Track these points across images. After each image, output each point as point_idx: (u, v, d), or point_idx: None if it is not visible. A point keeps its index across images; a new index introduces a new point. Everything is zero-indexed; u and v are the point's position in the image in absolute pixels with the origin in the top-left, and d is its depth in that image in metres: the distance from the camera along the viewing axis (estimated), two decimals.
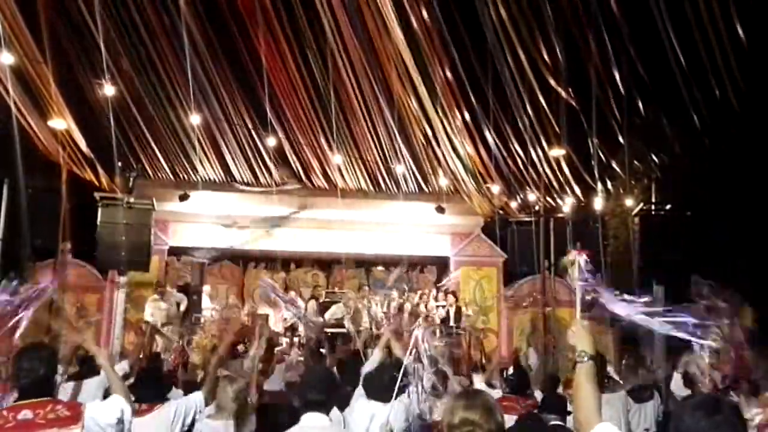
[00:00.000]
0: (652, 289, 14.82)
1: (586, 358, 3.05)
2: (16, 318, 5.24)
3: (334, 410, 5.08)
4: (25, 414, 3.97)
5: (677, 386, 7.91)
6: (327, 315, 17.33)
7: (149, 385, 5.73)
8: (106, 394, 4.81)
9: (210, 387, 5.56)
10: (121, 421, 4.22)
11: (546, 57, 12.86)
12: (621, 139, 14.39)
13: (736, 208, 13.81)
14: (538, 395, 6.70)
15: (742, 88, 11.02)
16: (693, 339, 3.35)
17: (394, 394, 5.20)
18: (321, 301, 18.07)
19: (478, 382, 8.15)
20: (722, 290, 6.63)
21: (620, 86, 12.87)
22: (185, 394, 5.88)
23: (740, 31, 10.38)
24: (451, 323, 16.43)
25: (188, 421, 5.26)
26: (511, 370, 8.76)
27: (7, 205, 11.87)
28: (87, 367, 7.33)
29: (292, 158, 16.52)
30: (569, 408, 5.61)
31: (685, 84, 11.37)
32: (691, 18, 10.41)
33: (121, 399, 4.31)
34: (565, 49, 12.66)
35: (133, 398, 5.34)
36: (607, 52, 12.35)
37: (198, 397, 5.40)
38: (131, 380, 6.46)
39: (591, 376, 3.01)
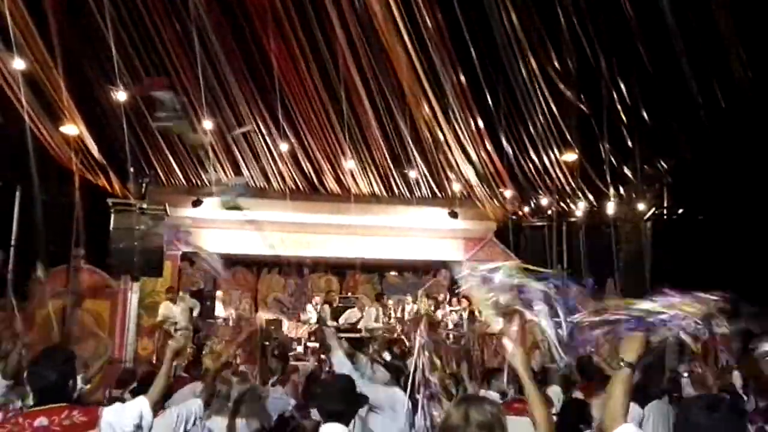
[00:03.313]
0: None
1: (626, 366, 3.19)
2: None
3: None
4: (41, 421, 3.95)
5: (687, 389, 7.88)
6: (341, 319, 17.40)
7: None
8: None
9: (209, 391, 5.58)
10: (139, 426, 4.21)
11: (557, 63, 12.82)
12: (632, 144, 14.32)
13: (748, 211, 13.72)
14: (552, 394, 6.64)
15: (751, 92, 10.96)
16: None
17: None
18: (335, 305, 18.11)
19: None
20: None
21: (631, 91, 12.82)
22: None
23: (751, 35, 10.33)
24: (464, 328, 16.42)
25: (189, 426, 5.28)
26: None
27: (20, 212, 11.95)
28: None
29: (305, 163, 16.50)
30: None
31: (696, 88, 11.30)
32: (702, 22, 10.37)
33: (144, 402, 4.31)
34: (576, 54, 12.62)
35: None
36: (618, 57, 12.32)
37: (197, 403, 5.42)
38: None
39: (627, 384, 3.15)
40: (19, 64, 10.86)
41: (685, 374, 8.09)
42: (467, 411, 3.09)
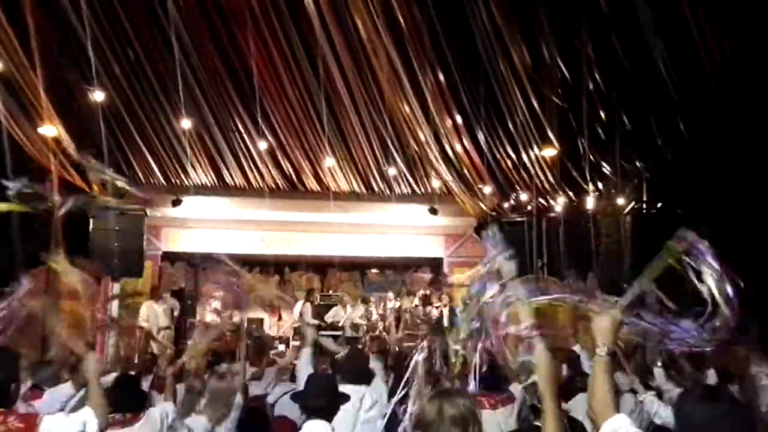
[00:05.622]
0: None
1: (605, 353, 3.09)
2: None
3: None
4: None
5: (661, 380, 7.82)
6: (327, 317, 17.46)
7: (129, 394, 5.64)
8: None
9: (169, 393, 5.60)
10: None
11: (535, 58, 12.86)
12: (610, 140, 14.36)
13: (726, 205, 13.83)
14: (514, 389, 6.68)
15: (727, 86, 11.04)
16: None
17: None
18: (316, 304, 18.11)
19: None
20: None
21: (610, 87, 12.87)
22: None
23: (726, 31, 10.41)
24: (445, 323, 16.44)
25: (167, 425, 5.28)
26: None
27: None
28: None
29: (284, 161, 16.45)
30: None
31: (673, 83, 11.36)
32: (680, 17, 10.43)
33: (89, 412, 4.10)
34: (554, 49, 12.66)
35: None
36: (596, 52, 12.37)
37: (170, 406, 5.43)
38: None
39: (609, 370, 3.07)
40: None
41: (659, 363, 8.03)
42: (441, 405, 3.10)
